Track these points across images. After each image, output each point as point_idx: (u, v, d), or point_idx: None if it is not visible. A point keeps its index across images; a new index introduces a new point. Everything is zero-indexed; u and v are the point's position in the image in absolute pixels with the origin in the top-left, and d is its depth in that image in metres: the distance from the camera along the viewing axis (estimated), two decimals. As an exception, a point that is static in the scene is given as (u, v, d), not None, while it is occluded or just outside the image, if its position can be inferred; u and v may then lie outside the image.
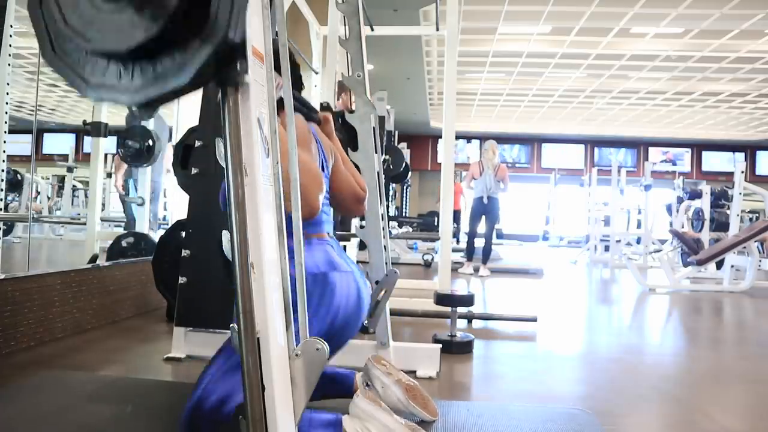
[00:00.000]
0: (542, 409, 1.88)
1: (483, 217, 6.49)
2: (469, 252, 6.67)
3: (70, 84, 0.78)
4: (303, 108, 1.60)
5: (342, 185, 1.64)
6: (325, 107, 2.29)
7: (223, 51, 0.76)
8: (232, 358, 1.27)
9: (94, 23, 0.75)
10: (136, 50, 0.73)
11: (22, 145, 4.91)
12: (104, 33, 0.74)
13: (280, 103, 1.00)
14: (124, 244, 3.85)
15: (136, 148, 3.89)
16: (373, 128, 2.22)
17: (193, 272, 2.33)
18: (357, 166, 2.11)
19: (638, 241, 10.13)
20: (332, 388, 1.57)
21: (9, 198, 6.68)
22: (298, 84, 1.65)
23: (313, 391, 0.90)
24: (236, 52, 0.80)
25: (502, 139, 16.90)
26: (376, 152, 2.22)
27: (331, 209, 1.58)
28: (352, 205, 1.68)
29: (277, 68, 0.95)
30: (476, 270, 6.53)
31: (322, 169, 1.53)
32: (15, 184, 7.00)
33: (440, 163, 3.72)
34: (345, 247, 2.12)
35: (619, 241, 8.59)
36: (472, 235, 6.65)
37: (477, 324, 3.38)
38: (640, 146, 16.87)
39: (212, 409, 1.23)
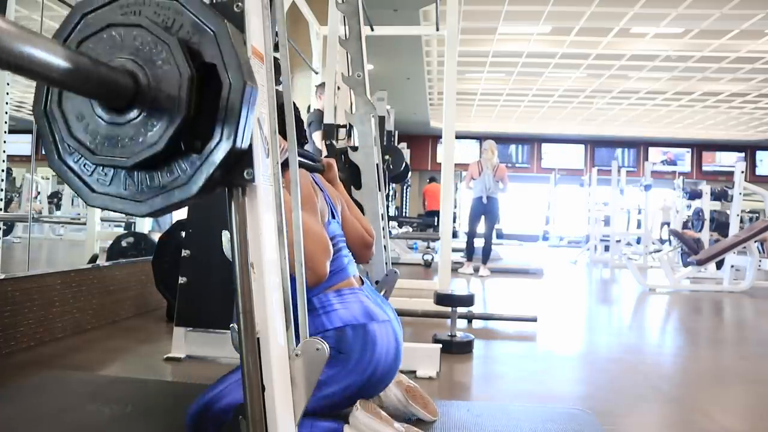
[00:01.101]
0: (542, 409, 1.88)
1: (483, 217, 6.48)
2: (469, 252, 6.66)
3: (75, 191, 0.78)
4: (306, 161, 1.61)
5: (350, 232, 1.64)
6: (328, 145, 2.32)
7: (232, 160, 0.76)
8: None
9: (98, 137, 0.75)
10: (141, 163, 0.73)
11: (22, 145, 4.91)
12: (109, 148, 0.74)
13: (284, 165, 0.99)
14: (124, 244, 3.85)
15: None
16: (373, 117, 2.22)
17: (193, 272, 2.33)
18: (360, 206, 2.13)
19: (638, 241, 10.13)
20: None
21: (9, 197, 6.67)
22: (301, 138, 1.65)
23: None
24: (244, 160, 0.79)
25: (502, 139, 16.90)
26: (376, 148, 2.23)
27: (348, 252, 1.56)
28: (361, 252, 1.68)
29: (282, 132, 0.95)
30: (476, 270, 6.52)
31: (333, 216, 1.53)
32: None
33: (440, 163, 3.72)
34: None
35: (619, 241, 8.59)
36: (471, 235, 6.64)
37: (477, 324, 3.38)
38: (640, 146, 16.88)
39: (220, 412, 1.25)
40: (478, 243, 6.64)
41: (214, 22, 0.75)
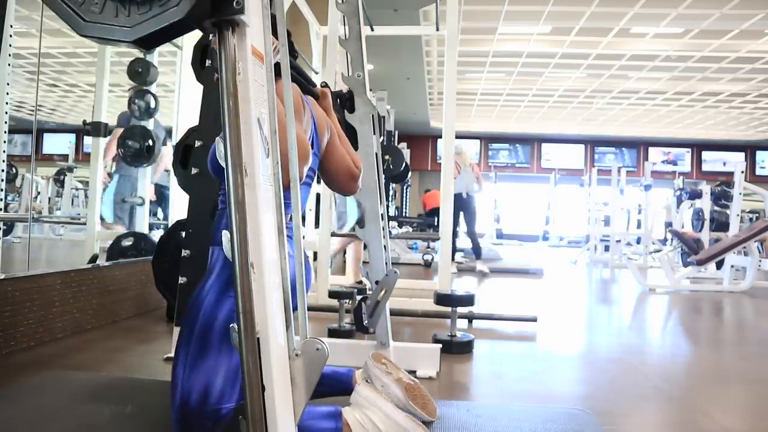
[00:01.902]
0: (542, 409, 1.88)
1: (461, 214, 6.64)
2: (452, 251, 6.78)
3: (66, 21, 0.77)
4: (300, 78, 1.59)
5: (337, 161, 1.62)
6: (324, 86, 2.28)
7: None
8: (190, 348, 1.26)
9: None
10: None
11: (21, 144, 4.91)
12: None
13: (278, 69, 0.99)
14: (124, 244, 3.85)
15: (135, 148, 3.88)
16: (372, 116, 2.21)
17: (193, 272, 2.33)
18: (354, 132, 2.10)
19: (638, 241, 10.12)
20: (331, 386, 1.57)
21: (9, 197, 6.67)
22: (291, 51, 1.61)
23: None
24: None
25: (502, 139, 16.93)
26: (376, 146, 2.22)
27: (308, 193, 1.54)
28: (346, 182, 1.67)
29: (274, 32, 0.95)
30: (471, 269, 6.61)
31: (312, 146, 1.50)
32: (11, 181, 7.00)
33: (440, 163, 3.72)
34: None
35: (619, 241, 8.59)
36: (454, 234, 6.77)
37: (477, 324, 3.38)
38: (640, 146, 16.88)
39: (198, 404, 1.22)
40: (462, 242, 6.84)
41: None
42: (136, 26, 0.76)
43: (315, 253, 4.35)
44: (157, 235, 4.03)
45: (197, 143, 2.45)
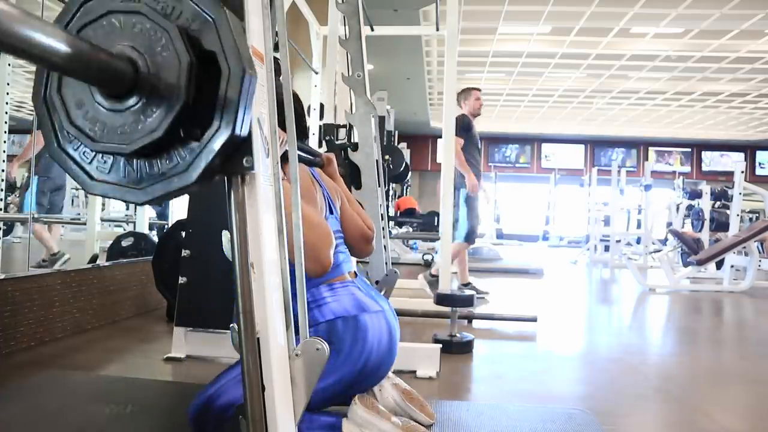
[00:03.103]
0: (542, 409, 1.88)
1: None
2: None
3: (74, 179, 0.78)
4: (306, 156, 1.61)
5: (350, 226, 1.64)
6: (327, 141, 2.32)
7: (231, 148, 0.75)
8: None
9: (98, 124, 0.74)
10: (141, 150, 0.73)
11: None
12: (108, 134, 0.74)
13: (284, 157, 0.99)
14: (124, 244, 3.86)
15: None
16: (373, 117, 2.22)
17: (193, 272, 2.33)
18: (361, 204, 2.12)
19: (638, 241, 10.12)
20: None
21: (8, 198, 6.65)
22: (302, 133, 1.65)
23: None
24: (243, 148, 0.79)
25: (502, 139, 16.93)
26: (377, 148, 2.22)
27: (345, 248, 1.57)
28: (361, 246, 1.68)
29: (282, 125, 0.95)
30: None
31: (330, 212, 1.53)
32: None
33: (440, 163, 3.72)
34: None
35: (619, 241, 8.58)
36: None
37: (477, 324, 3.38)
38: (640, 146, 16.88)
39: (221, 409, 1.26)
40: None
41: (214, 10, 0.75)
42: (145, 189, 0.75)
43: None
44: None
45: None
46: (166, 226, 5.10)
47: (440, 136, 3.76)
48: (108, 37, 0.74)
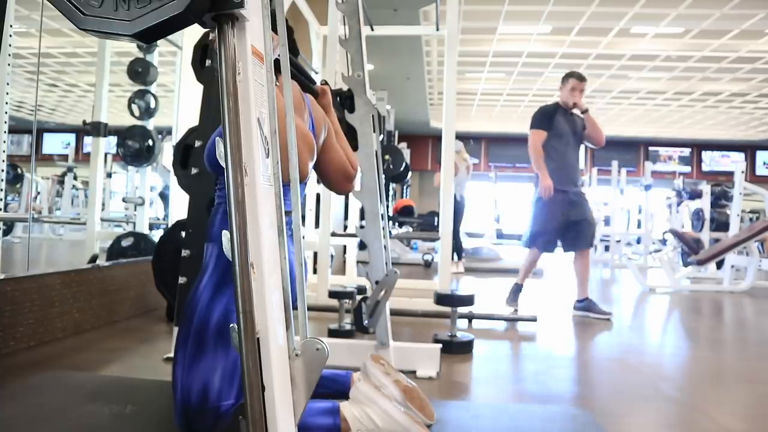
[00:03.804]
0: (542, 409, 1.88)
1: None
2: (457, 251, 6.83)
3: (65, 15, 0.77)
4: (300, 76, 1.58)
5: (332, 160, 1.62)
6: (324, 83, 2.29)
7: None
8: (188, 348, 1.28)
9: None
10: None
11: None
12: None
13: (277, 65, 0.99)
14: (124, 244, 3.86)
15: (135, 148, 3.89)
16: (373, 116, 2.21)
17: (193, 272, 2.32)
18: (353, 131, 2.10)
19: (638, 241, 10.12)
20: (329, 387, 1.57)
21: (8, 198, 6.68)
22: (292, 50, 1.61)
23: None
24: None
25: (502, 139, 16.92)
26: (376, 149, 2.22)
27: (304, 191, 1.56)
28: (341, 182, 1.66)
29: (274, 28, 0.95)
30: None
31: None
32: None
33: (440, 163, 3.71)
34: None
35: (619, 241, 8.59)
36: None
37: (477, 324, 3.38)
38: (640, 146, 16.87)
39: (198, 403, 1.25)
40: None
41: None
42: (136, 20, 0.75)
43: (315, 254, 4.35)
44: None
45: (197, 143, 2.45)
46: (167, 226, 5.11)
47: (440, 136, 3.76)
48: None
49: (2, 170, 2.86)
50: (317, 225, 4.37)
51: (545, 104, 4.06)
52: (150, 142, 3.90)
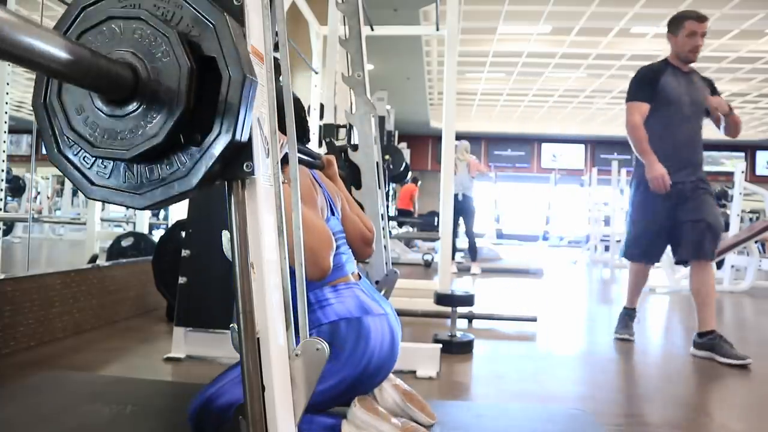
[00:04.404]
0: (542, 409, 1.88)
1: (459, 216, 6.66)
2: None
3: (74, 184, 0.78)
4: (306, 158, 1.61)
5: (349, 229, 1.64)
6: (327, 143, 2.33)
7: (231, 153, 0.76)
8: None
9: (98, 130, 0.75)
10: (141, 155, 0.73)
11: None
12: (108, 140, 0.74)
13: (284, 160, 0.99)
14: (124, 244, 3.85)
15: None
16: (373, 117, 2.22)
17: (193, 272, 2.33)
18: (360, 205, 2.13)
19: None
20: None
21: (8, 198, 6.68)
22: (303, 136, 1.65)
23: None
24: (243, 153, 0.79)
25: (502, 139, 16.93)
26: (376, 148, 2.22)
27: (348, 249, 1.57)
28: (361, 248, 1.69)
29: (282, 128, 0.95)
30: (467, 269, 6.65)
31: (332, 213, 1.54)
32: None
33: (440, 163, 3.71)
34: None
35: (619, 241, 8.58)
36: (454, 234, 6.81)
37: (477, 324, 3.38)
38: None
39: (221, 409, 1.27)
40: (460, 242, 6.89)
41: (214, 16, 0.75)
42: (145, 194, 0.75)
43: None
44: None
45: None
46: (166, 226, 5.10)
47: (440, 136, 3.76)
48: (108, 42, 0.74)
49: (2, 170, 2.86)
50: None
51: (649, 63, 3.01)
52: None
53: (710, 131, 3.17)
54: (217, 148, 0.74)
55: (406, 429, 1.40)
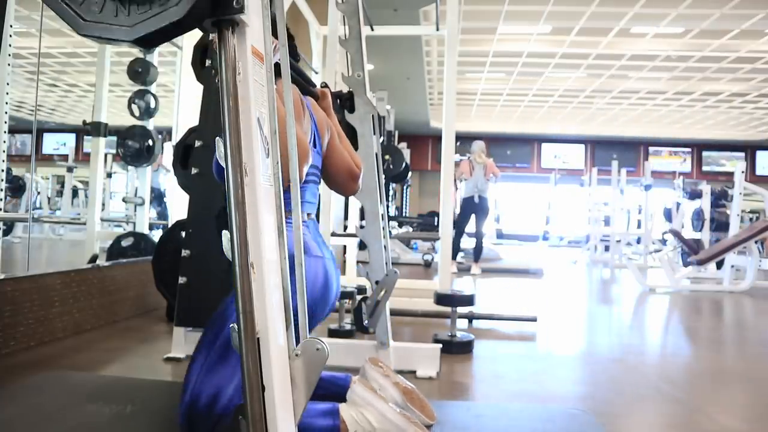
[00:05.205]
0: (542, 409, 1.88)
1: (473, 215, 6.62)
2: (455, 250, 6.76)
3: (66, 21, 0.77)
4: (300, 79, 1.59)
5: (337, 161, 1.63)
6: (324, 86, 2.29)
7: None
8: (211, 352, 1.29)
9: None
10: None
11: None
12: None
13: (278, 69, 0.99)
14: (124, 244, 3.85)
15: (135, 148, 3.89)
16: (372, 116, 2.22)
17: (193, 272, 2.33)
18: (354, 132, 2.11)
19: (638, 241, 10.13)
20: (327, 390, 1.57)
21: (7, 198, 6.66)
22: (293, 54, 1.63)
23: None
24: None
25: (502, 139, 16.92)
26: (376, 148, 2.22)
27: (317, 190, 1.56)
28: (347, 182, 1.67)
29: (274, 33, 0.94)
30: (468, 269, 6.63)
31: (314, 146, 1.52)
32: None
33: (440, 163, 3.71)
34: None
35: (619, 241, 8.59)
36: (460, 234, 6.75)
37: (477, 324, 3.38)
38: (640, 146, 16.87)
39: (206, 407, 1.25)
40: (465, 243, 6.84)
41: None
42: (136, 25, 0.75)
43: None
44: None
45: (197, 143, 2.45)
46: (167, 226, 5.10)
47: (440, 136, 3.76)
48: None
49: (2, 170, 2.86)
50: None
51: None
52: (150, 142, 3.90)
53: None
54: None
55: (406, 415, 1.40)
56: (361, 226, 2.21)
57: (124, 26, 0.76)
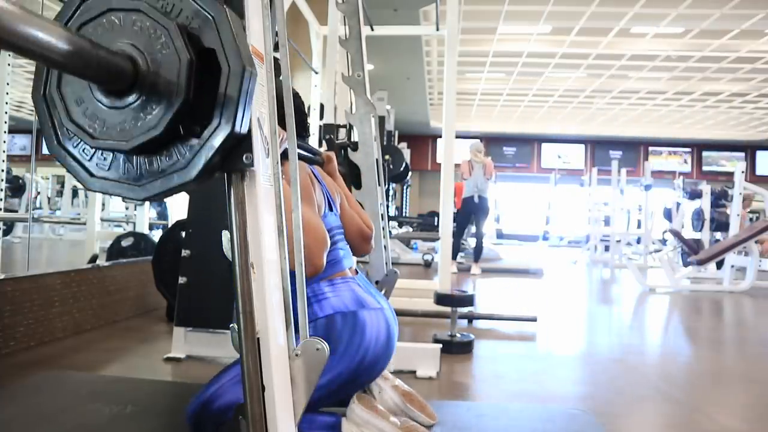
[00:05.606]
0: (542, 409, 1.88)
1: (472, 216, 6.61)
2: (455, 251, 6.74)
3: (74, 175, 0.78)
4: (305, 153, 1.61)
5: (348, 225, 1.64)
6: (327, 140, 2.32)
7: (230, 145, 0.75)
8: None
9: (97, 121, 0.74)
10: (140, 147, 0.73)
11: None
12: (108, 132, 0.74)
13: (283, 156, 0.99)
14: (124, 244, 3.85)
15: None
16: (373, 117, 2.22)
17: (193, 272, 2.33)
18: (360, 204, 2.13)
19: (638, 241, 10.13)
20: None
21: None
22: (303, 131, 1.65)
23: None
24: (243, 146, 0.79)
25: (502, 139, 16.93)
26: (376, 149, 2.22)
27: (346, 245, 1.57)
28: (360, 244, 1.68)
29: (282, 123, 0.95)
30: (468, 269, 6.62)
31: (330, 209, 1.54)
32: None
33: (440, 163, 3.71)
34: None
35: (619, 241, 8.58)
36: (460, 234, 6.74)
37: (477, 324, 3.38)
38: (640, 146, 16.87)
39: (219, 411, 1.27)
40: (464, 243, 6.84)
41: (214, 8, 0.75)
42: (145, 185, 0.75)
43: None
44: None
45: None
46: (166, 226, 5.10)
47: (440, 136, 3.76)
48: (108, 34, 0.74)
49: (2, 170, 2.86)
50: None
51: None
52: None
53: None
54: (217, 140, 0.74)
55: (406, 428, 1.40)
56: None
57: (133, 185, 0.76)
